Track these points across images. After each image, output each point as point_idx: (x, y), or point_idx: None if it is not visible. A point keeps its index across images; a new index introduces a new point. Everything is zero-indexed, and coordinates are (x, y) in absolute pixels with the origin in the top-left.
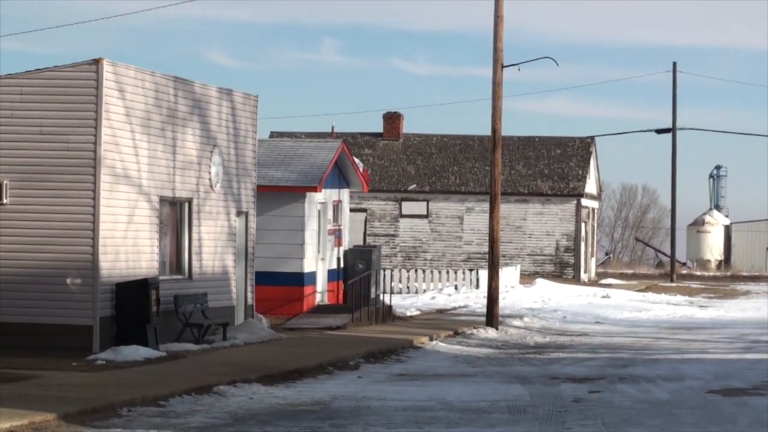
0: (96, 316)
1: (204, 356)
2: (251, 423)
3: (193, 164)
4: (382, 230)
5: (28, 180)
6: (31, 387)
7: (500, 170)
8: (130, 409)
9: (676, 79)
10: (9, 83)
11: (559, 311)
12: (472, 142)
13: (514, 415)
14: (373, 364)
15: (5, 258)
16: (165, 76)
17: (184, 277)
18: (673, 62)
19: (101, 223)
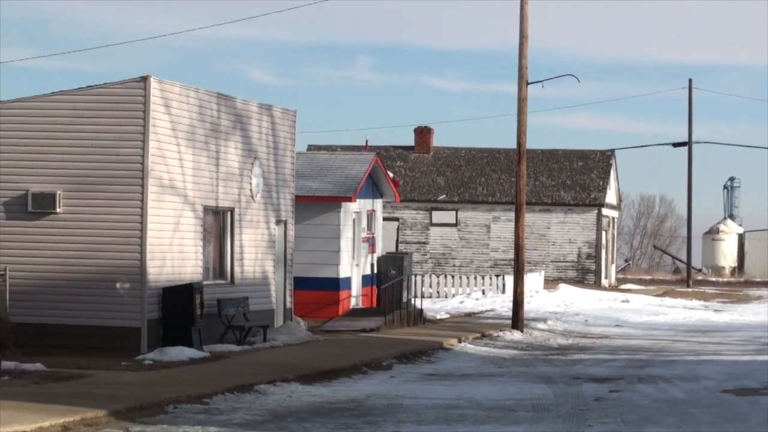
0: (144, 318)
1: (245, 357)
2: (290, 420)
3: (235, 175)
4: (413, 238)
5: (80, 190)
6: (83, 385)
7: (525, 181)
8: (176, 406)
9: (691, 95)
10: (62, 99)
11: (581, 315)
12: (498, 154)
13: (538, 413)
14: (404, 364)
15: (59, 264)
16: (208, 92)
17: (227, 282)
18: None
19: (149, 230)
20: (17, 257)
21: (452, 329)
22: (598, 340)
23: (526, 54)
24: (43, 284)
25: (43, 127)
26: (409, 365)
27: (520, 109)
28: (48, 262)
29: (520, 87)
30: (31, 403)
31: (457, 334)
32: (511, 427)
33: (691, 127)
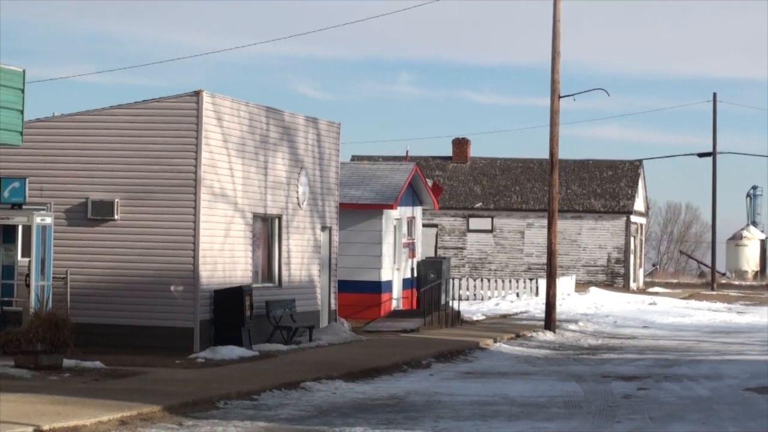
0: (196, 319)
1: (292, 355)
2: (334, 415)
3: (282, 184)
4: (451, 243)
5: (136, 198)
6: (139, 382)
7: (557, 190)
8: (227, 402)
9: (716, 108)
10: (120, 113)
11: (610, 316)
12: (532, 164)
13: (569, 409)
14: (443, 363)
15: (116, 267)
16: (258, 105)
17: (275, 285)
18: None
19: (201, 236)
20: (77, 261)
21: (488, 330)
22: (627, 340)
23: (558, 69)
24: (101, 287)
25: (102, 138)
26: (447, 364)
27: (553, 121)
28: (106, 266)
29: (553, 100)
30: (91, 399)
31: (493, 334)
32: (543, 423)
33: (716, 138)
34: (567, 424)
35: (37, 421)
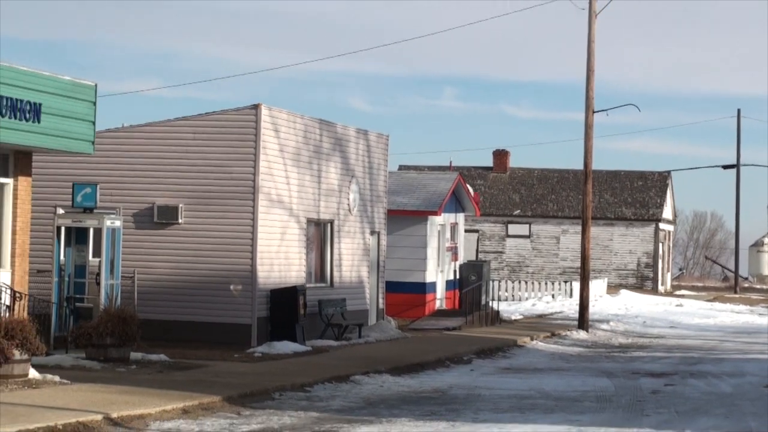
0: (254, 316)
1: (342, 351)
2: (381, 406)
3: (334, 192)
4: (491, 248)
5: (199, 203)
6: (201, 374)
7: (591, 198)
8: (281, 394)
9: (740, 123)
10: (184, 124)
11: (639, 317)
12: (567, 174)
13: (601, 403)
14: (483, 359)
15: (180, 267)
16: (312, 118)
17: (327, 285)
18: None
19: (258, 239)
20: (144, 261)
21: (525, 329)
22: (655, 339)
23: (592, 86)
24: (166, 285)
25: (168, 147)
26: (487, 360)
27: (587, 135)
28: (171, 266)
29: (587, 115)
30: (155, 389)
31: (530, 333)
32: (576, 416)
33: (739, 151)
34: (598, 417)
35: (106, 410)
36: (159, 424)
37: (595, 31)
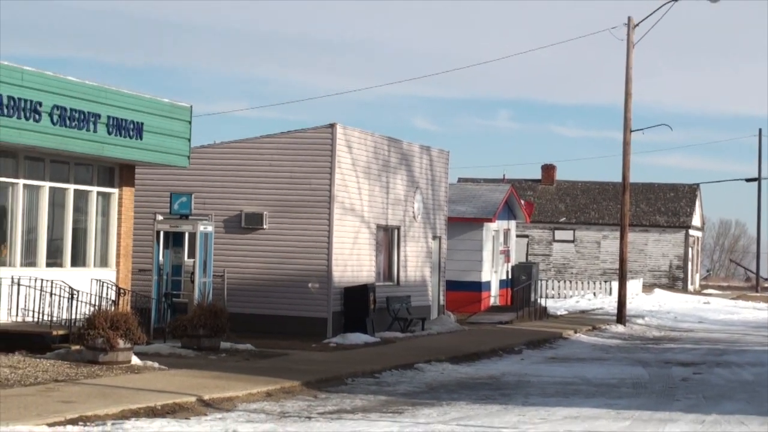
0: (329, 311)
1: (407, 342)
2: (441, 391)
3: (401, 201)
4: (539, 251)
5: (280, 211)
6: (282, 362)
7: (628, 208)
8: (354, 379)
9: (761, 141)
10: (268, 141)
11: (671, 313)
12: (607, 186)
13: (636, 389)
14: (532, 349)
15: (264, 268)
16: (381, 136)
17: (394, 284)
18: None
19: (333, 243)
20: (233, 262)
21: (569, 323)
22: (685, 333)
23: (629, 108)
24: (252, 283)
25: (254, 161)
26: (535, 350)
27: (625, 151)
28: (256, 266)
29: (625, 134)
30: (242, 375)
31: (573, 326)
32: (615, 400)
33: (761, 166)
34: (635, 402)
35: (199, 393)
36: (245, 406)
37: (632, 60)
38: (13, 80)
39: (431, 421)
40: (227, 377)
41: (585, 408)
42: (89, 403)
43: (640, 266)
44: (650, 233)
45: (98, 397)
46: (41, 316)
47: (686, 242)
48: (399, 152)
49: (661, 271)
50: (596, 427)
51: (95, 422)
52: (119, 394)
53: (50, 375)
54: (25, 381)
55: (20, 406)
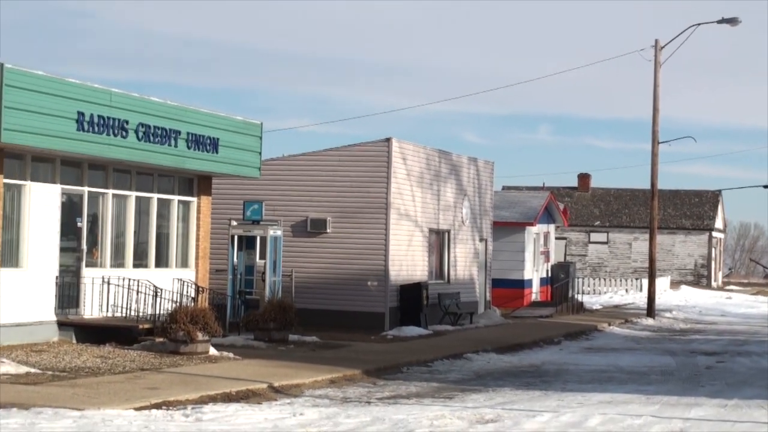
0: (387, 306)
1: (457, 334)
2: (488, 378)
3: (450, 207)
4: (576, 252)
5: (342, 217)
6: (344, 352)
7: (657, 212)
8: (409, 368)
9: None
10: (331, 154)
11: (696, 307)
12: (637, 193)
13: (664, 376)
14: (570, 340)
15: (327, 268)
16: (432, 148)
17: (445, 282)
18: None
19: (390, 245)
20: (300, 263)
21: (603, 316)
22: (709, 325)
23: (657, 122)
24: (316, 282)
25: (318, 172)
26: (573, 341)
27: (653, 161)
28: (320, 266)
29: (653, 145)
30: (308, 364)
31: (607, 319)
32: (645, 386)
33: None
34: (663, 388)
35: (269, 380)
36: (311, 392)
37: (659, 78)
38: (103, 101)
39: (478, 405)
40: (295, 366)
41: (618, 393)
42: (171, 389)
43: (667, 265)
44: (677, 235)
45: (179, 384)
46: (128, 311)
47: (710, 243)
48: (449, 163)
49: (687, 270)
50: (628, 410)
51: (177, 406)
52: (198, 382)
53: (136, 364)
54: (114, 370)
55: (110, 392)
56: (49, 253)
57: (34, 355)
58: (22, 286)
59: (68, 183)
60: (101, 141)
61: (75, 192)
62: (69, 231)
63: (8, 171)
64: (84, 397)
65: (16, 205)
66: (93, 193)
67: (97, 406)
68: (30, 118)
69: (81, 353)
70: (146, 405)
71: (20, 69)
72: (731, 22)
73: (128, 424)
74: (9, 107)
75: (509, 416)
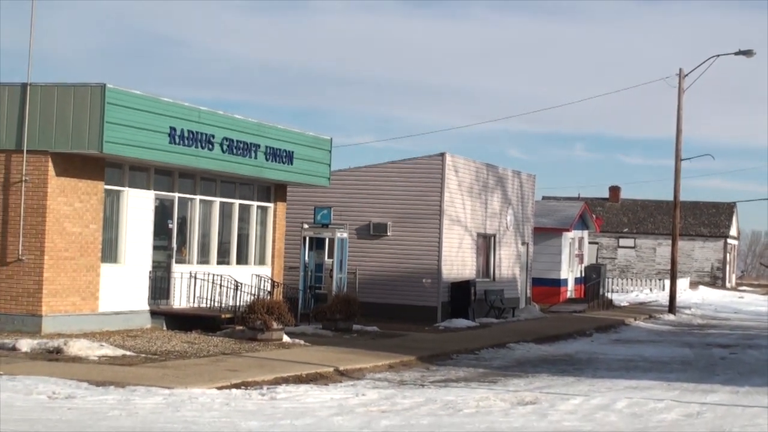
0: (439, 301)
1: (501, 326)
2: (527, 365)
3: (496, 214)
4: (607, 255)
5: (401, 221)
6: (401, 341)
7: (678, 221)
8: (458, 355)
9: None
10: (391, 166)
11: (712, 305)
12: (661, 204)
13: (684, 366)
14: (600, 333)
15: (388, 266)
16: (481, 162)
17: (490, 280)
18: None
19: (443, 247)
20: (363, 262)
21: (630, 312)
22: (723, 321)
23: (680, 141)
24: (377, 278)
25: (380, 182)
26: (603, 334)
27: (676, 176)
28: (381, 265)
29: (676, 162)
30: (369, 351)
31: (633, 315)
32: (666, 374)
33: None
34: (683, 375)
35: (335, 364)
36: (372, 375)
37: (683, 102)
38: (192, 118)
39: (519, 389)
40: (357, 353)
41: (642, 380)
42: (249, 371)
43: (687, 268)
44: (696, 241)
45: (256, 367)
46: (212, 303)
47: (725, 249)
48: (495, 175)
49: (705, 272)
50: (651, 395)
51: (254, 387)
52: (273, 365)
53: (219, 349)
54: (200, 354)
55: (195, 374)
56: (143, 250)
57: (129, 340)
58: (120, 280)
59: (161, 189)
60: (190, 153)
61: (167, 197)
62: (161, 231)
63: (109, 178)
64: (173, 377)
65: (116, 209)
66: (182, 198)
67: (184, 385)
68: (128, 132)
69: (170, 339)
70: (227, 385)
71: (119, 89)
72: (747, 54)
73: (211, 402)
74: (110, 122)
75: (546, 399)
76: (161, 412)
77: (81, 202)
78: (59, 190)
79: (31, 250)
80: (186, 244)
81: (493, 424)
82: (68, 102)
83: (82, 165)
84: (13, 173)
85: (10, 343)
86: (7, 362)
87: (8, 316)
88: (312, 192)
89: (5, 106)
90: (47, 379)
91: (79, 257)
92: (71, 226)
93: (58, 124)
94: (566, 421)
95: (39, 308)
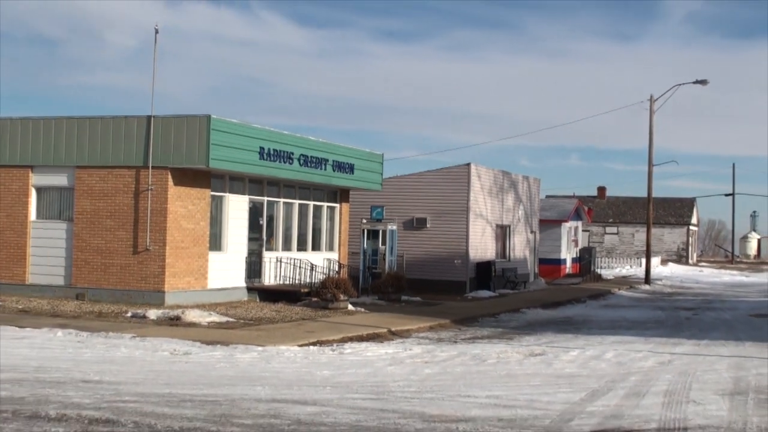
0: (467, 276)
1: (515, 296)
2: (536, 325)
3: (510, 210)
4: (596, 240)
5: (437, 216)
6: (439, 308)
7: (651, 213)
8: (482, 318)
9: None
10: (428, 174)
11: (678, 278)
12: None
13: (657, 324)
14: (592, 300)
15: (427, 251)
16: (498, 170)
17: (506, 260)
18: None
19: (469, 236)
20: (408, 248)
21: (615, 284)
22: (687, 290)
23: (652, 151)
24: (419, 260)
25: (420, 186)
26: (594, 301)
27: (649, 178)
28: (422, 250)
29: (649, 166)
30: (414, 316)
31: (617, 286)
32: (644, 331)
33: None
34: (656, 332)
35: (388, 326)
36: (416, 334)
37: (653, 121)
38: (276, 139)
39: (530, 344)
40: (405, 317)
41: (625, 336)
42: (323, 332)
43: (659, 249)
44: (665, 228)
45: (328, 329)
46: (293, 280)
47: (688, 234)
48: (509, 180)
49: (672, 252)
50: (633, 347)
51: (327, 344)
52: (340, 328)
53: (299, 316)
54: (285, 319)
55: (282, 335)
56: (241, 241)
57: (231, 310)
58: (224, 264)
59: (253, 194)
60: (275, 167)
61: (258, 200)
62: (254, 227)
63: (214, 186)
64: (264, 337)
65: (219, 209)
66: (270, 201)
67: (273, 343)
68: (227, 151)
69: (262, 308)
70: (306, 343)
71: (221, 118)
72: (702, 83)
73: (294, 356)
74: (214, 144)
75: (551, 351)
76: (256, 364)
77: (193, 205)
78: (176, 196)
79: (156, 242)
80: (273, 236)
81: (511, 371)
82: (182, 129)
83: (193, 177)
84: (141, 184)
85: (141, 312)
86: (139, 327)
87: (139, 292)
88: (368, 195)
89: (135, 133)
90: (169, 340)
91: (192, 247)
92: (186, 223)
93: (175, 146)
94: (567, 368)
95: (162, 286)
